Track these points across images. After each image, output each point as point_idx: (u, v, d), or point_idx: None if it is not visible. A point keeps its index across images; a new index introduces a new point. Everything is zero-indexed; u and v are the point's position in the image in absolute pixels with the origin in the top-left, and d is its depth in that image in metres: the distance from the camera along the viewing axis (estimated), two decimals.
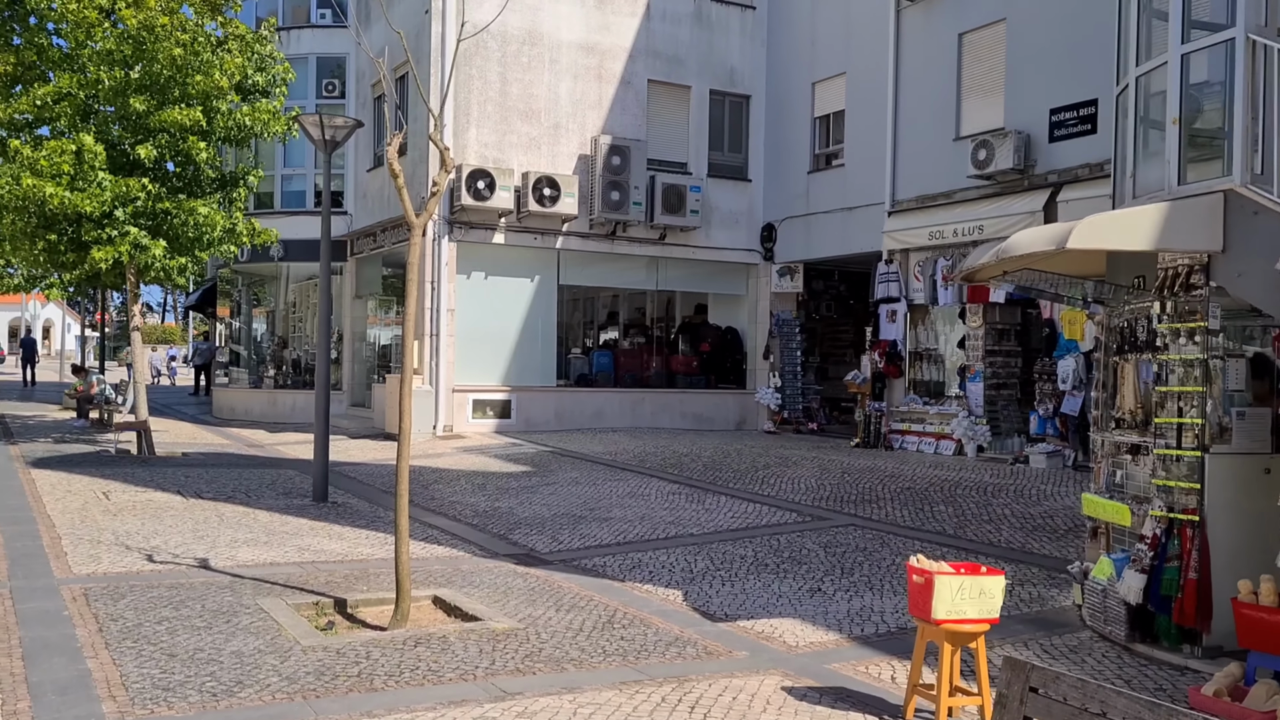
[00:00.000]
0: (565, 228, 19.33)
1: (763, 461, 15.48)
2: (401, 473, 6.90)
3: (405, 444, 6.91)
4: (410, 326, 6.94)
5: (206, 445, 17.64)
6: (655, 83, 20.28)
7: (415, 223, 6.91)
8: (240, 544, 9.12)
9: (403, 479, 6.90)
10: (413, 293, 6.95)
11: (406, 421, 6.92)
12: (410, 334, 6.95)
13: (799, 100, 20.49)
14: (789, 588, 8.09)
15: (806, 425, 20.78)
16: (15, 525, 9.55)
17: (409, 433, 6.93)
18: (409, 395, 6.93)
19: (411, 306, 6.98)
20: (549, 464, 15.15)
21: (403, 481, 6.90)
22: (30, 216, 14.51)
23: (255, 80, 15.62)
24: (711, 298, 22.28)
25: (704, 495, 12.48)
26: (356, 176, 21.88)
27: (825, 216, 19.79)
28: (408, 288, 6.99)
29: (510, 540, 9.92)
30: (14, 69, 14.79)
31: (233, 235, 15.62)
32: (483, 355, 18.97)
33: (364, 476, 13.98)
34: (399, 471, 6.90)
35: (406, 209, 6.90)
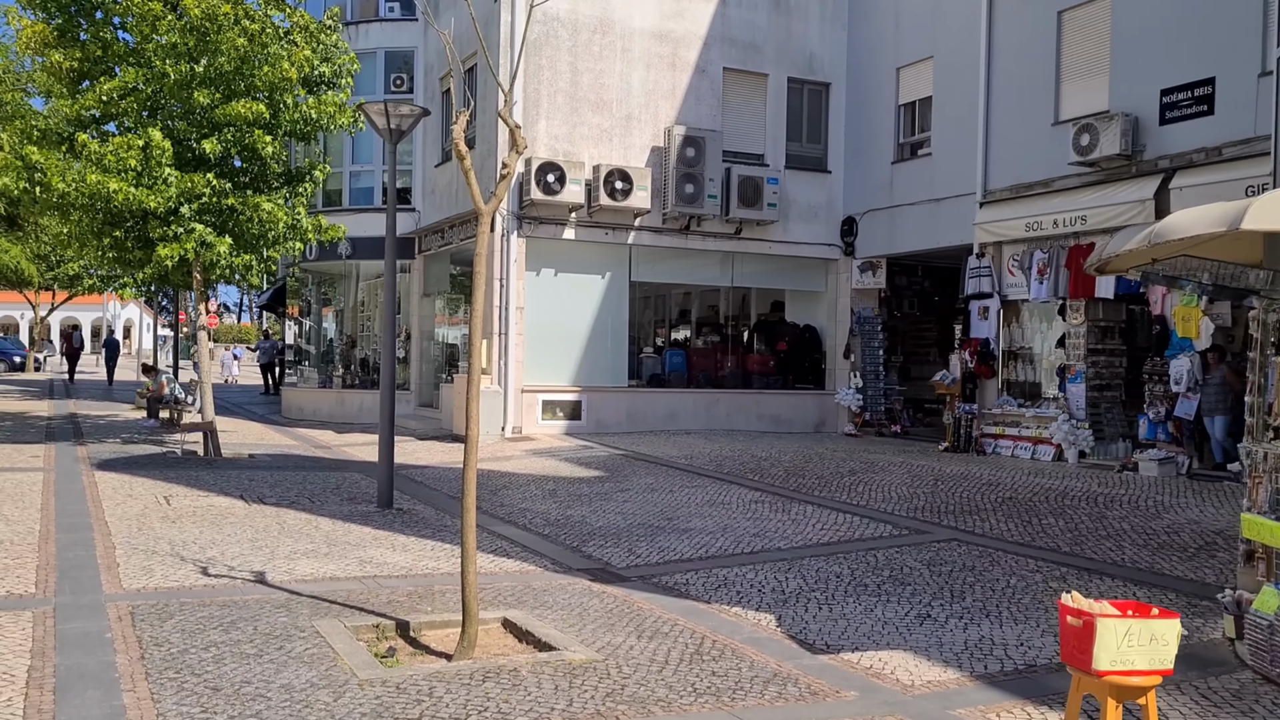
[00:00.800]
0: (637, 222, 18.65)
1: (847, 466, 14.63)
2: (468, 486, 6.25)
3: (472, 453, 6.27)
4: (478, 324, 6.30)
5: (273, 446, 17.31)
6: (731, 71, 19.50)
7: (484, 210, 6.26)
8: (299, 556, 8.58)
9: (469, 492, 6.25)
10: (481, 286, 6.30)
11: (474, 428, 6.27)
12: (478, 332, 6.31)
13: (882, 87, 19.54)
14: (894, 613, 7.28)
15: (889, 428, 19.83)
16: (71, 533, 9.15)
17: (476, 441, 6.29)
18: (476, 399, 6.29)
19: (479, 303, 6.34)
20: (622, 468, 14.48)
21: (469, 495, 6.26)
22: (97, 214, 14.25)
23: (321, 71, 15.20)
24: (788, 294, 21.43)
25: (788, 504, 11.69)
26: (424, 172, 21.46)
27: (910, 209, 18.82)
28: (475, 281, 6.35)
29: (584, 553, 9.25)
30: (80, 64, 14.53)
31: (297, 231, 15.21)
32: (552, 354, 18.38)
33: (430, 481, 13.45)
34: (465, 484, 6.25)
35: (474, 195, 6.25)
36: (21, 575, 7.53)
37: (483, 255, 6.31)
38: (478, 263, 6.35)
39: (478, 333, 6.31)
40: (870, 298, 20.37)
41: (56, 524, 9.52)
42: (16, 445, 15.64)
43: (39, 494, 11.16)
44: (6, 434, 17.26)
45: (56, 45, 14.50)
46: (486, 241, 6.30)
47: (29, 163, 13.79)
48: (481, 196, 6.34)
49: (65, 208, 14.32)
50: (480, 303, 6.34)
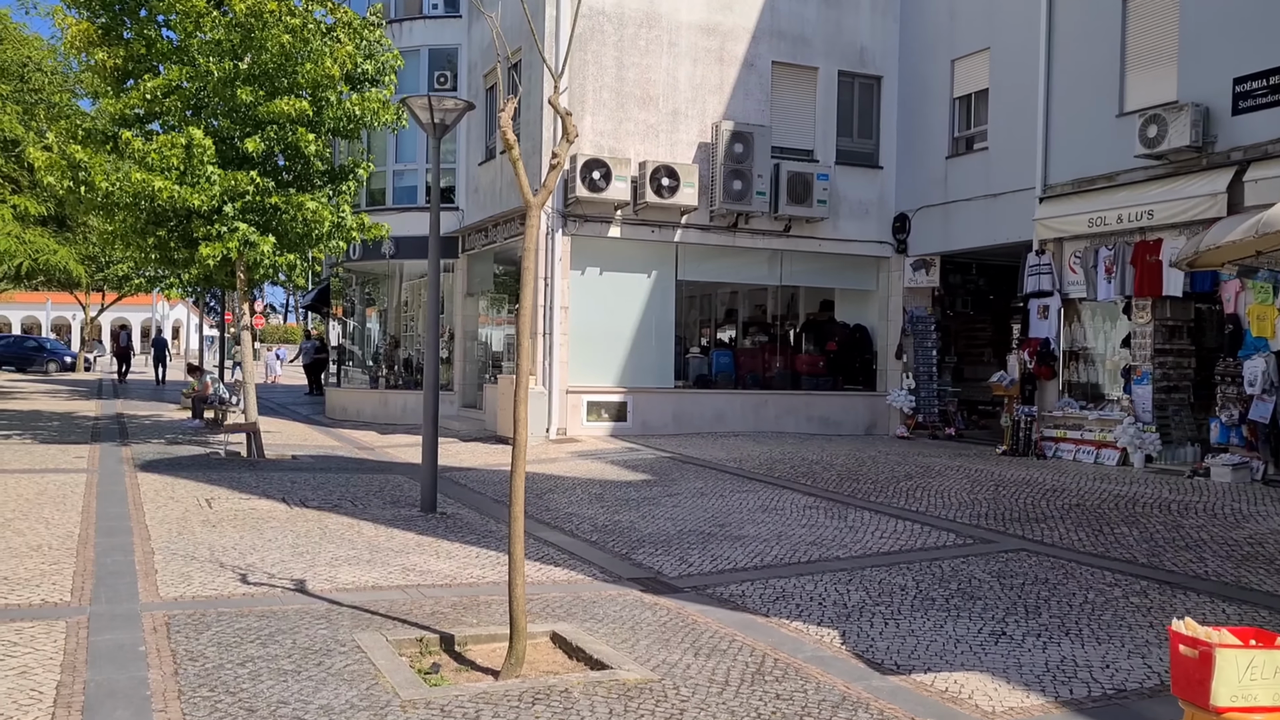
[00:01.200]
0: (684, 220, 18.27)
1: (903, 470, 14.14)
2: (516, 494, 5.92)
3: (520, 460, 5.93)
4: (526, 322, 5.96)
5: (317, 447, 17.15)
6: (780, 65, 19.06)
7: (532, 202, 5.93)
8: (341, 563, 8.31)
9: (517, 501, 5.92)
10: (529, 284, 5.97)
11: (522, 433, 5.94)
12: (525, 331, 5.97)
13: (936, 80, 19.00)
14: (966, 629, 6.84)
15: (943, 430, 19.29)
16: (111, 537, 8.96)
17: (524, 447, 5.95)
18: (524, 402, 5.95)
19: (527, 300, 6.00)
20: (670, 472, 14.11)
21: (517, 504, 5.93)
22: (141, 213, 14.15)
23: (364, 68, 14.99)
24: (838, 293, 20.95)
25: (844, 510, 11.25)
26: (468, 170, 21.24)
27: (966, 205, 18.27)
28: (524, 278, 6.01)
29: (634, 561, 8.90)
30: (124, 63, 14.45)
31: (341, 230, 15.02)
32: (597, 355, 18.06)
33: (475, 484, 13.17)
34: (513, 492, 5.92)
35: (522, 186, 5.92)
36: (58, 582, 7.32)
37: (531, 250, 5.97)
38: (525, 258, 6.02)
39: (525, 331, 5.97)
40: (923, 296, 19.83)
41: (96, 528, 9.34)
42: (62, 445, 15.60)
43: (81, 496, 11.02)
44: (53, 434, 17.27)
45: (101, 44, 14.43)
46: (535, 236, 5.97)
47: (74, 162, 13.70)
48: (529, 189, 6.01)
49: (110, 207, 14.23)
50: (528, 300, 6.00)
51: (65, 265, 23.50)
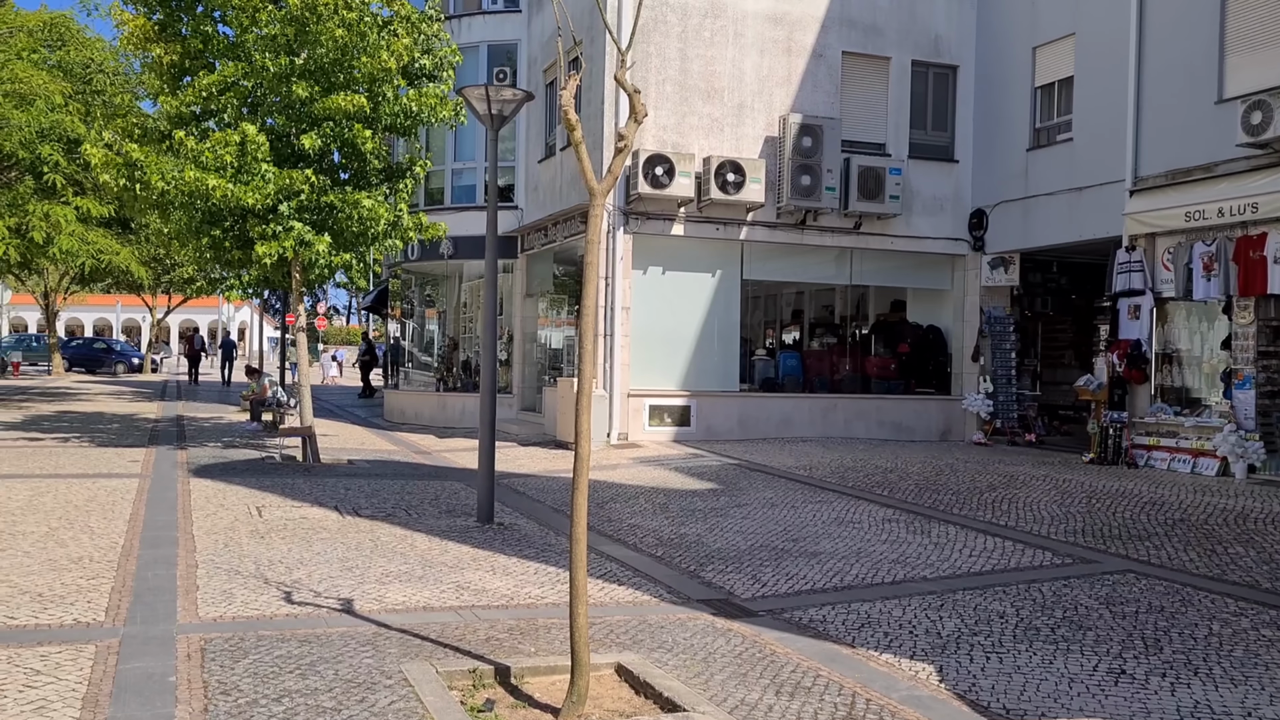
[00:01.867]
0: (750, 217, 17.60)
1: (985, 480, 13.33)
2: (578, 514, 5.34)
3: (582, 475, 5.35)
4: (589, 322, 5.37)
5: (373, 452, 16.79)
6: (850, 55, 18.29)
7: (596, 189, 5.34)
8: (392, 579, 7.81)
9: (579, 521, 5.34)
10: (592, 279, 5.39)
11: (585, 444, 5.35)
12: (589, 331, 5.39)
13: (1016, 68, 18.08)
14: (1079, 666, 6.11)
15: (1022, 436, 18.36)
16: (155, 549, 8.57)
17: (587, 459, 5.37)
18: (588, 409, 5.37)
19: (590, 297, 5.42)
20: (737, 480, 13.46)
21: (579, 523, 5.35)
22: (195, 212, 13.88)
23: (422, 63, 14.58)
24: (910, 293, 20.11)
25: (926, 524, 10.51)
26: (527, 168, 20.78)
27: (1048, 199, 17.33)
28: (586, 273, 5.43)
29: (703, 579, 8.27)
30: (180, 59, 14.22)
31: (398, 230, 14.61)
32: (659, 357, 17.46)
33: (533, 491, 12.65)
34: (575, 510, 5.34)
35: (585, 170, 5.33)
36: (93, 600, 6.91)
37: (595, 243, 5.39)
38: (589, 251, 5.44)
39: (588, 332, 5.39)
40: (1001, 296, 18.91)
41: (142, 538, 8.97)
42: (119, 449, 15.41)
43: (130, 503, 10.70)
44: (111, 437, 17.13)
45: (158, 40, 14.20)
46: (599, 227, 5.38)
47: (129, 160, 13.47)
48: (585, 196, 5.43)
49: (165, 206, 13.99)
50: (591, 297, 5.42)
51: (127, 267, 23.54)
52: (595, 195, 5.37)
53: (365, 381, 32.65)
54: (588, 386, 5.42)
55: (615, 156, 5.37)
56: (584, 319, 5.42)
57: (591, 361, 5.48)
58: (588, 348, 5.44)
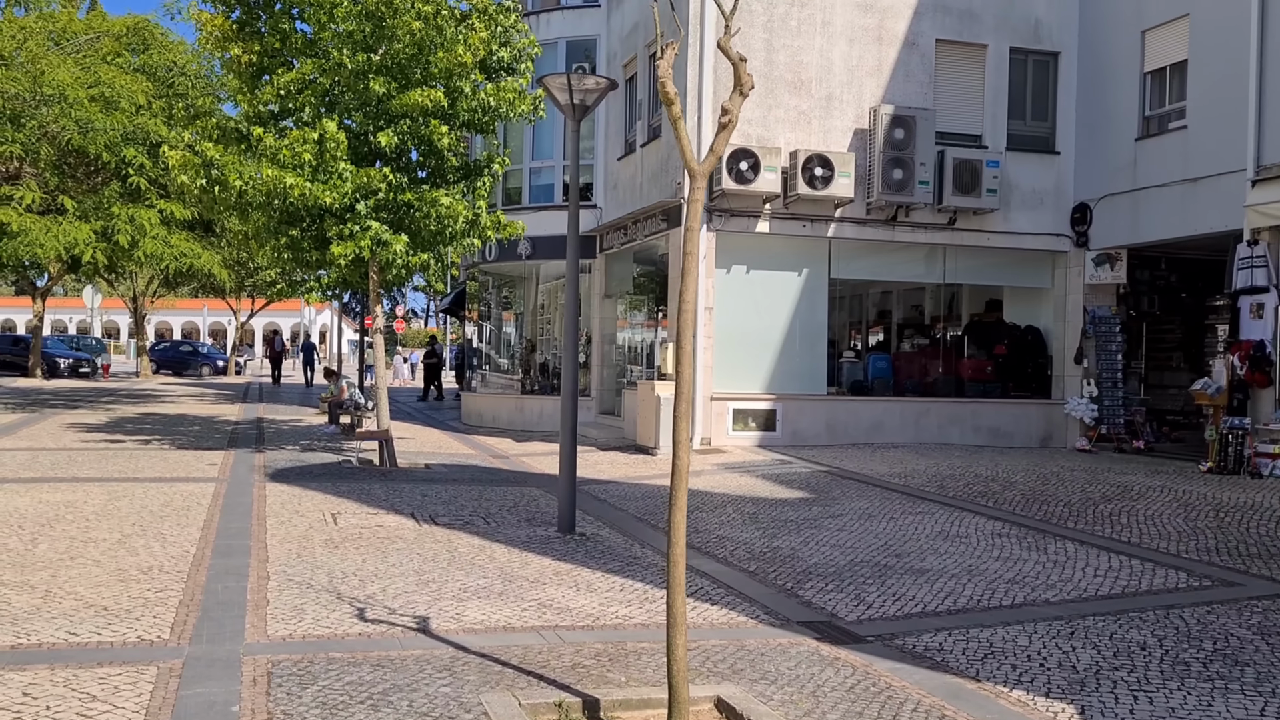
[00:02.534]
0: (838, 213, 16.87)
1: (1097, 491, 12.44)
2: (676, 531, 4.78)
3: (680, 490, 4.78)
4: (688, 318, 4.81)
5: (451, 455, 16.46)
6: (944, 43, 17.46)
7: (697, 169, 4.78)
8: (470, 595, 7.33)
9: (677, 542, 4.78)
10: (691, 269, 4.82)
11: (684, 456, 4.78)
12: (689, 326, 4.82)
13: (1123, 53, 17.06)
14: (1244, 710, 5.35)
15: (1130, 443, 17.31)
16: (227, 558, 8.23)
17: (685, 472, 4.80)
18: (686, 419, 4.81)
19: (691, 290, 4.84)
20: (828, 489, 12.78)
21: (678, 544, 4.79)
22: (274, 212, 13.67)
23: (500, 56, 14.20)
24: (1007, 292, 19.17)
25: (1041, 539, 9.72)
26: (606, 166, 20.32)
27: (1159, 191, 16.29)
28: (685, 263, 4.86)
29: (801, 599, 7.64)
30: (259, 58, 14.05)
31: (475, 228, 14.23)
32: (743, 359, 16.83)
33: (615, 499, 12.13)
34: (672, 529, 4.78)
35: (684, 148, 4.77)
36: (160, 615, 6.55)
37: (694, 229, 4.82)
38: (687, 240, 4.87)
39: (687, 328, 4.82)
40: (1106, 294, 17.88)
41: (214, 546, 8.65)
42: (198, 452, 15.31)
43: (205, 509, 10.44)
44: (191, 439, 17.08)
45: (236, 39, 14.04)
46: (698, 211, 4.81)
47: (207, 160, 13.30)
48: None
49: (243, 207, 13.81)
50: (691, 290, 4.84)
51: (210, 269, 23.72)
52: (695, 176, 4.80)
53: (428, 384, 32.54)
54: (686, 390, 4.86)
55: (719, 134, 4.79)
56: (682, 314, 4.85)
57: (690, 363, 4.91)
58: (685, 347, 4.87)
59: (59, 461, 13.65)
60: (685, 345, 4.87)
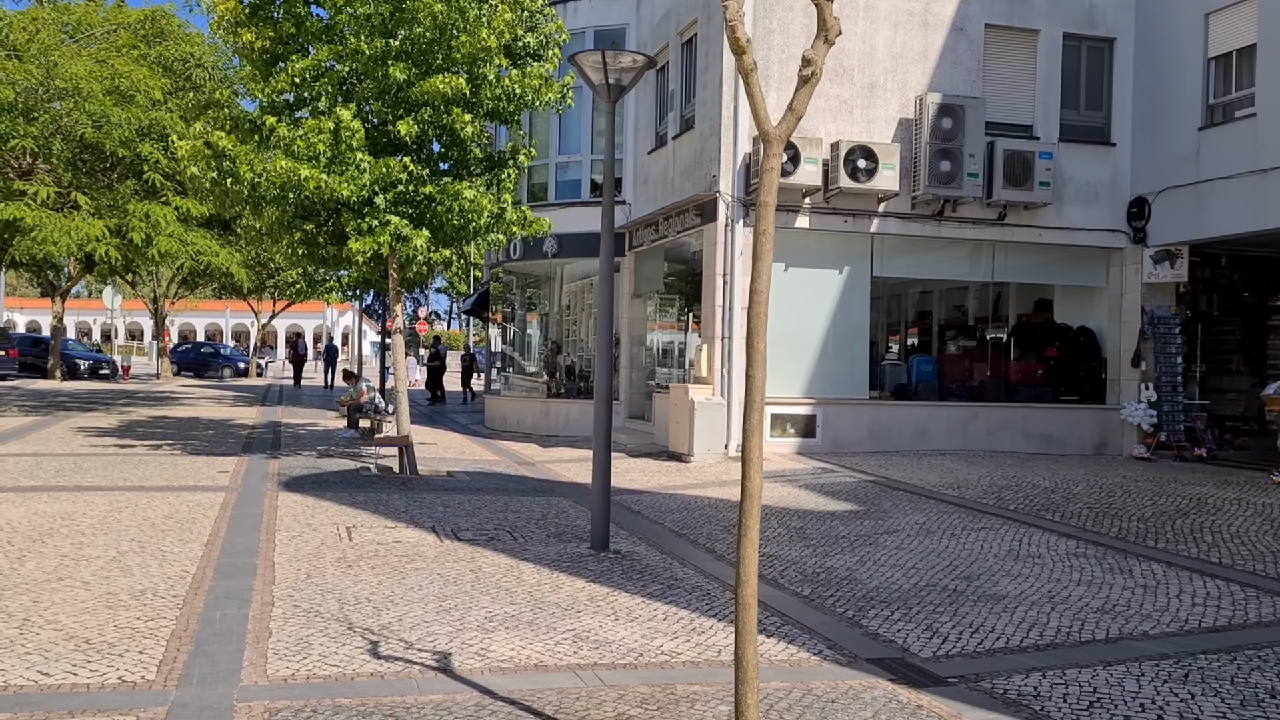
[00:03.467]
0: (882, 208, 16.00)
1: (1170, 504, 11.53)
2: (747, 568, 3.98)
3: (752, 516, 3.98)
4: (761, 310, 4.00)
5: (474, 462, 15.70)
6: (994, 28, 16.55)
7: (772, 132, 3.98)
8: (496, 625, 6.54)
9: (748, 579, 3.98)
10: (766, 253, 4.01)
11: (755, 477, 4.00)
12: (760, 323, 4.02)
13: (1184, 38, 16.10)
14: None
15: (1191, 451, 16.33)
16: (229, 579, 7.48)
17: (757, 494, 4.00)
18: (757, 433, 4.02)
19: (764, 278, 4.03)
20: (877, 500, 11.92)
21: (748, 584, 3.98)
22: (288, 206, 12.96)
23: (525, 41, 13.44)
24: (1057, 290, 18.24)
25: (1122, 559, 8.84)
26: (636, 160, 19.53)
27: (1225, 184, 15.32)
28: (758, 244, 4.05)
29: (867, 630, 6.81)
30: (273, 44, 13.35)
31: (500, 223, 13.46)
32: (781, 362, 15.93)
33: (649, 510, 11.33)
34: (742, 563, 3.98)
35: (757, 107, 3.97)
36: (147, 650, 5.80)
37: (768, 203, 4.01)
38: (759, 218, 4.05)
39: (760, 323, 4.02)
40: (1165, 293, 16.91)
41: (217, 565, 7.90)
42: (210, 458, 14.61)
43: (211, 521, 9.70)
44: (205, 444, 16.40)
45: (249, 24, 13.33)
46: (773, 181, 4.00)
47: (218, 150, 12.60)
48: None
49: (256, 200, 13.10)
50: (764, 277, 4.03)
51: (228, 269, 23.08)
52: (771, 141, 3.99)
53: (433, 387, 31.81)
54: (758, 398, 4.05)
55: (800, 89, 3.98)
56: (754, 307, 4.04)
57: (762, 365, 4.10)
58: (758, 345, 4.06)
59: (63, 468, 12.98)
60: (757, 342, 4.05)
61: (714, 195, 15.60)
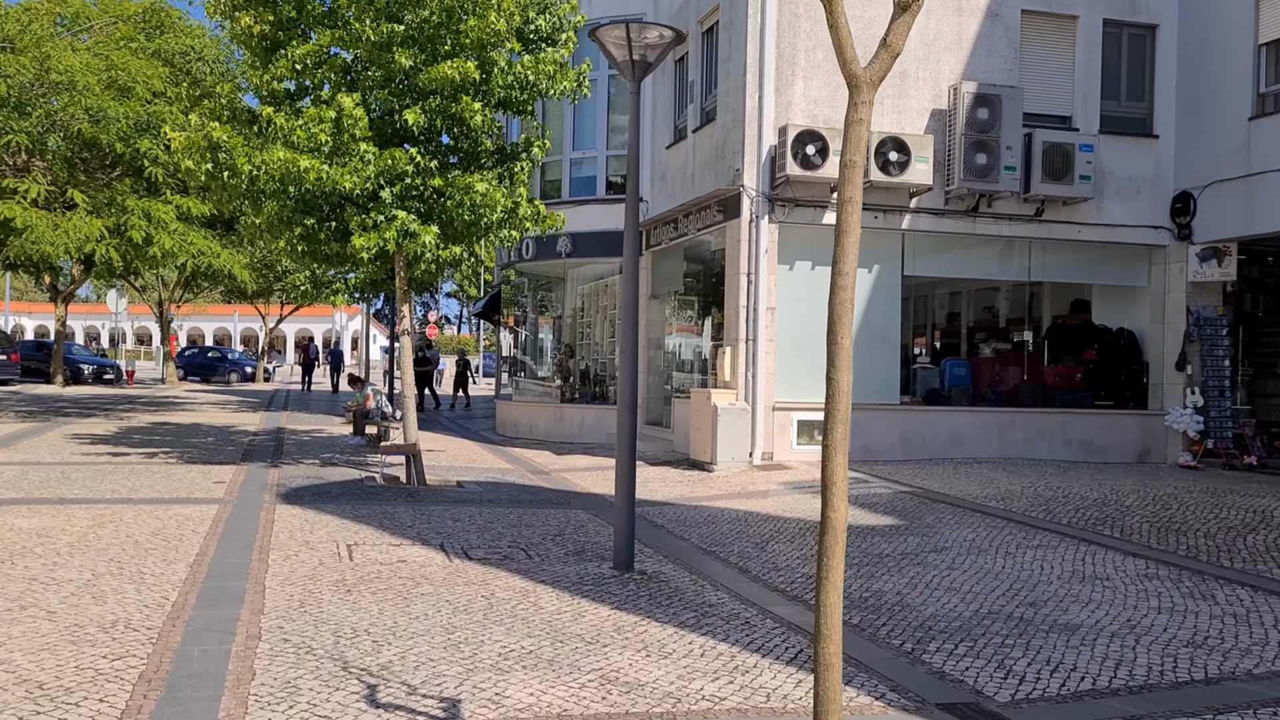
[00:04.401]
0: (914, 203, 15.19)
1: (1235, 518, 10.69)
2: (830, 619, 3.18)
3: (835, 558, 3.18)
4: (845, 307, 3.23)
5: (485, 471, 14.92)
6: (1031, 14, 15.72)
7: (861, 76, 3.22)
8: (512, 664, 5.75)
9: (831, 635, 3.18)
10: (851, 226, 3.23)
11: (839, 506, 3.19)
12: (845, 315, 3.25)
13: (1232, 23, 15.26)
14: None
15: (1240, 459, 15.45)
16: (213, 607, 6.71)
17: (841, 528, 3.21)
18: (841, 451, 3.24)
19: (851, 249, 3.29)
20: (919, 514, 11.10)
21: (832, 640, 3.18)
22: (288, 200, 12.20)
23: (537, 25, 12.68)
24: (1095, 290, 17.40)
25: (1201, 582, 8.01)
26: (654, 155, 18.74)
27: (1278, 176, 14.45)
28: (842, 217, 3.28)
29: (930, 666, 6.00)
30: (272, 29, 12.62)
31: (514, 218, 12.70)
32: (808, 365, 15.12)
33: (673, 524, 10.54)
34: (822, 613, 3.19)
35: (842, 45, 3.20)
36: (109, 697, 5.02)
37: (856, 164, 3.24)
38: (847, 180, 3.28)
39: (845, 313, 3.25)
40: (1212, 293, 16.04)
41: (201, 591, 7.13)
42: (206, 467, 13.86)
43: (201, 538, 8.94)
44: (202, 453, 15.66)
45: (248, 8, 12.60)
46: (862, 136, 3.22)
47: (213, 142, 11.86)
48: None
49: (255, 194, 12.35)
50: (850, 255, 3.28)
51: (230, 270, 22.38)
52: (860, 86, 3.21)
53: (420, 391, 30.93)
54: (843, 406, 3.27)
55: (896, 19, 3.19)
56: (836, 293, 3.27)
57: (847, 365, 3.31)
58: (843, 341, 3.28)
59: (49, 479, 12.23)
60: (842, 339, 3.28)
61: (737, 190, 14.81)
